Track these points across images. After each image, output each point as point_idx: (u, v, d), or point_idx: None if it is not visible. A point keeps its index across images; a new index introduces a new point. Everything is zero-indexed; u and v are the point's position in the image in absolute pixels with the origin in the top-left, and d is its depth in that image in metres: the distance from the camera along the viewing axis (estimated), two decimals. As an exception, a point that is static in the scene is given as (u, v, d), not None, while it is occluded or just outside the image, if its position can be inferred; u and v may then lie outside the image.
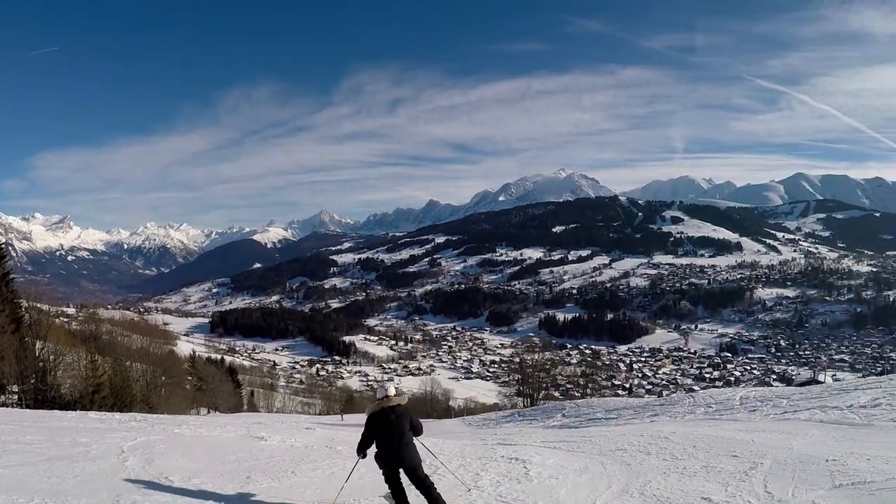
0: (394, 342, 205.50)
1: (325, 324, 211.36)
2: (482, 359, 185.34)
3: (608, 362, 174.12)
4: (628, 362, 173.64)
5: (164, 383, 41.77)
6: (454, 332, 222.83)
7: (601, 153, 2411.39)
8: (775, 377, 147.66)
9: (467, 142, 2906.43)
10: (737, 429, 13.90)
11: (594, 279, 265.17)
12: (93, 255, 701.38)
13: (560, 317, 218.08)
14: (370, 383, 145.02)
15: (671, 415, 20.12)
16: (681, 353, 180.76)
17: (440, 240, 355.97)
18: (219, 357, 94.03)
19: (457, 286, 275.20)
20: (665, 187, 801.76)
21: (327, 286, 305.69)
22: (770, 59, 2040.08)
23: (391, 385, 7.93)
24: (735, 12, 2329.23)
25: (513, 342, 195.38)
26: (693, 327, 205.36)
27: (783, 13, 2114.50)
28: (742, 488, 8.31)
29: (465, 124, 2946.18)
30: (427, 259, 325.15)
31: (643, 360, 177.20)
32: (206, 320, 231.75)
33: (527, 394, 55.13)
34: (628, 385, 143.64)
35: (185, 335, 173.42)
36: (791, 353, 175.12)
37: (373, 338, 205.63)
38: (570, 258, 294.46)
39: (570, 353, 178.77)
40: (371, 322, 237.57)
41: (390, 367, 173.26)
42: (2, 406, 23.45)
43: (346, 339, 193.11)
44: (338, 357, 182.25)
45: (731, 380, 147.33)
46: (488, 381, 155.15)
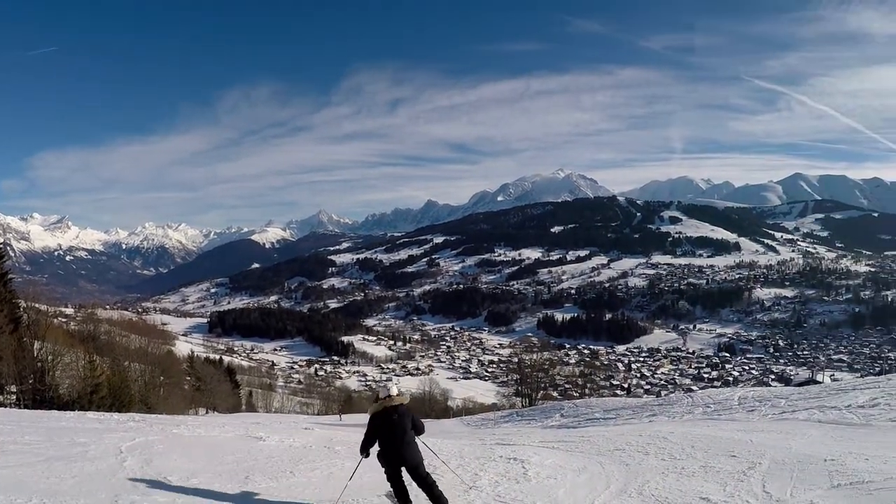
0: (392, 342, 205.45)
1: (324, 324, 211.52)
2: (480, 359, 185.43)
3: (606, 362, 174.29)
4: (627, 362, 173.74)
5: (163, 383, 41.74)
6: (452, 333, 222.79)
7: (600, 153, 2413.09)
8: (773, 377, 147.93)
9: (466, 142, 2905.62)
10: (735, 429, 13.91)
11: (593, 279, 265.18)
12: (91, 255, 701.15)
13: (558, 317, 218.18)
14: (368, 383, 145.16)
15: (669, 415, 20.13)
16: (679, 353, 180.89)
17: (439, 240, 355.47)
18: (217, 357, 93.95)
19: (455, 286, 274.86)
20: (663, 187, 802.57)
21: (326, 286, 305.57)
22: (768, 59, 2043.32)
23: (393, 385, 8.05)
24: (733, 13, 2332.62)
25: (511, 342, 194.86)
26: (691, 327, 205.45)
27: (782, 13, 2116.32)
28: (740, 488, 8.33)
29: (464, 124, 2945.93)
30: (425, 259, 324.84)
31: (641, 360, 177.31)
32: (205, 320, 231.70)
33: (525, 394, 55.01)
34: (627, 385, 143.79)
35: (183, 335, 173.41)
36: (789, 353, 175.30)
37: (371, 338, 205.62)
38: (569, 258, 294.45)
39: (569, 353, 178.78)
40: (369, 322, 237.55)
41: (389, 368, 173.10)
42: (0, 406, 23.42)
43: (345, 339, 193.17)
44: (336, 357, 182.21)
45: (730, 380, 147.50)
46: (487, 381, 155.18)
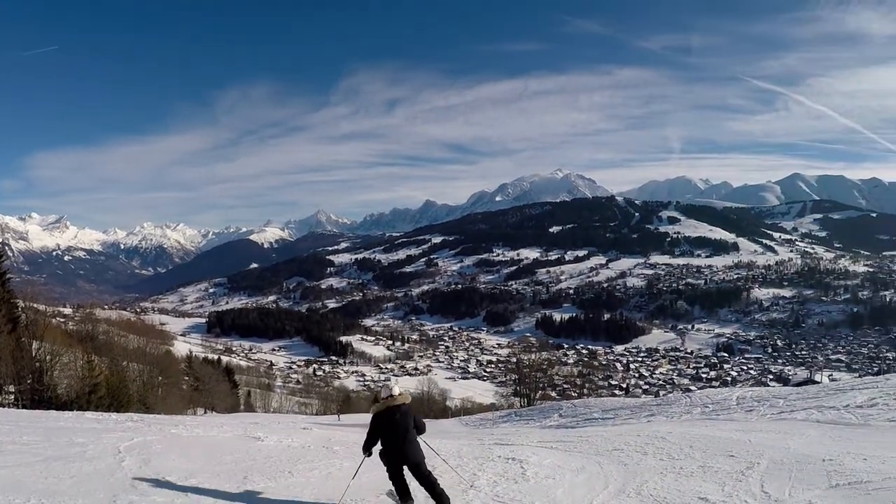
0: (391, 342, 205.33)
1: (322, 324, 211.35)
2: (479, 359, 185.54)
3: (605, 362, 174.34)
4: (625, 362, 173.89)
5: (161, 383, 41.78)
6: (451, 333, 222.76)
7: (598, 153, 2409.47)
8: (772, 377, 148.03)
9: (464, 142, 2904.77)
10: (733, 429, 13.91)
11: (591, 279, 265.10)
12: (89, 255, 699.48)
13: (557, 317, 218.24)
14: (367, 383, 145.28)
15: (668, 415, 20.14)
16: (677, 353, 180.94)
17: (437, 240, 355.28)
18: (215, 357, 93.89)
19: (453, 286, 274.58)
20: (662, 187, 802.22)
21: (324, 286, 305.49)
22: (766, 59, 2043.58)
23: (395, 385, 8.17)
24: (731, 13, 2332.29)
25: (509, 342, 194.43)
26: (690, 327, 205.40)
27: (779, 14, 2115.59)
28: (739, 488, 8.32)
29: (462, 124, 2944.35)
30: (424, 259, 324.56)
31: (640, 360, 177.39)
32: (203, 320, 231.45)
33: (523, 394, 54.96)
34: (625, 385, 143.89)
35: (181, 335, 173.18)
36: (788, 353, 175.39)
37: (370, 338, 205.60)
38: (567, 258, 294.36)
39: (567, 353, 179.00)
40: (368, 322, 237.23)
41: (387, 368, 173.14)
42: (-2, 406, 23.42)
43: (343, 339, 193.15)
44: (335, 357, 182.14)
45: (728, 380, 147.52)
46: (485, 381, 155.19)
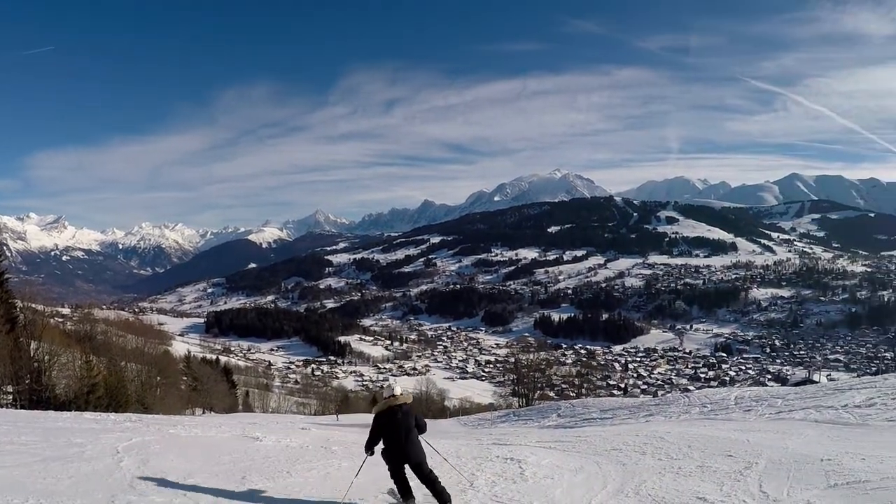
0: (389, 342, 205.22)
1: (321, 324, 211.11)
2: (477, 359, 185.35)
3: (603, 362, 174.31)
4: (623, 362, 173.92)
5: (160, 383, 41.75)
6: (449, 333, 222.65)
7: (596, 153, 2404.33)
8: (770, 377, 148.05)
9: (463, 142, 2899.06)
10: (732, 428, 13.94)
11: (589, 279, 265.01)
12: (88, 255, 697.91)
13: (555, 317, 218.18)
14: (365, 383, 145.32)
15: (666, 415, 20.17)
16: (676, 353, 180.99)
17: (435, 240, 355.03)
18: (214, 357, 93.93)
19: (452, 286, 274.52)
20: (660, 187, 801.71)
21: (322, 286, 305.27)
22: (764, 60, 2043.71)
23: (397, 385, 8.27)
24: (729, 13, 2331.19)
25: (508, 342, 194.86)
26: (688, 327, 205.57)
27: (777, 14, 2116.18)
28: (737, 488, 8.33)
29: (460, 124, 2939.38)
30: (422, 259, 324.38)
31: (638, 360, 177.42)
32: (202, 320, 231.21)
33: (522, 394, 55.12)
34: (623, 385, 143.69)
35: (180, 335, 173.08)
36: (786, 353, 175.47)
37: (368, 338, 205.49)
38: (566, 258, 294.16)
39: (566, 353, 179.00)
40: (366, 322, 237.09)
41: (385, 368, 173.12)
42: (-4, 407, 23.39)
43: (342, 339, 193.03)
44: (333, 357, 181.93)
45: (726, 380, 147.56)
46: (484, 381, 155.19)
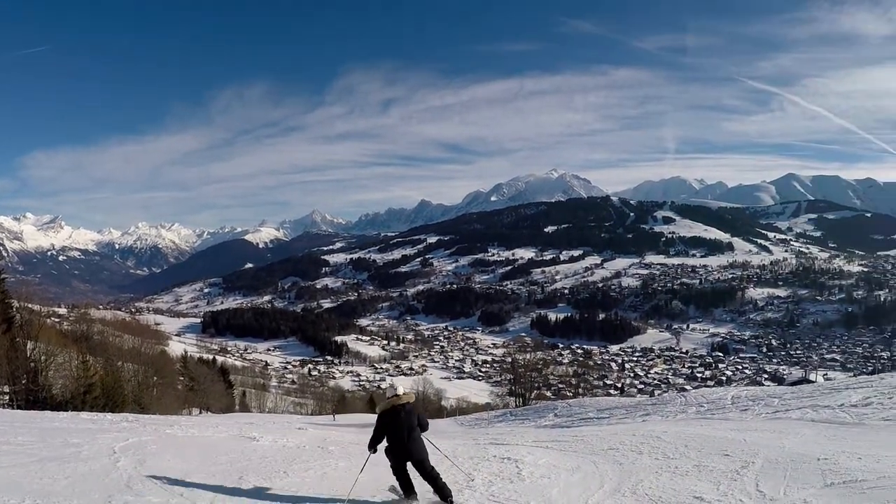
0: (386, 342, 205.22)
1: (317, 324, 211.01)
2: (474, 359, 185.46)
3: (600, 362, 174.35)
4: (620, 362, 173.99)
5: (156, 383, 41.66)
6: (446, 332, 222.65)
7: (593, 153, 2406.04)
8: (767, 376, 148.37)
9: (459, 142, 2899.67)
10: (728, 428, 13.95)
11: (586, 279, 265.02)
12: (84, 255, 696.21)
13: (552, 317, 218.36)
14: (362, 383, 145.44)
15: (663, 414, 20.17)
16: (672, 353, 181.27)
17: (432, 240, 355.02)
18: (210, 357, 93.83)
19: (449, 286, 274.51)
20: (657, 188, 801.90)
21: (319, 286, 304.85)
22: (761, 60, 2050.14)
23: (400, 385, 8.49)
24: (726, 13, 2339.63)
25: (505, 342, 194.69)
26: (685, 327, 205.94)
27: (774, 14, 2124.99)
28: (734, 487, 8.35)
29: (457, 124, 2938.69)
30: (419, 259, 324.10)
31: (635, 359, 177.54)
32: (198, 320, 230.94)
33: (519, 393, 54.99)
34: (620, 385, 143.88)
35: (176, 335, 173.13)
36: (782, 353, 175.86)
37: (365, 338, 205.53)
38: (562, 258, 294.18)
39: (562, 352, 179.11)
40: (363, 322, 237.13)
41: (382, 368, 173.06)
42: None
43: (338, 339, 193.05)
44: (330, 357, 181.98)
45: (723, 379, 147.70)
46: (480, 380, 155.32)
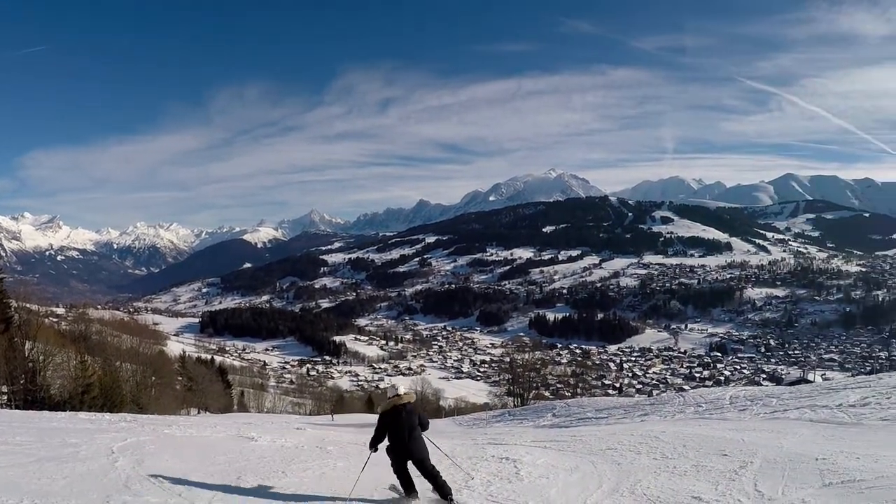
0: (384, 342, 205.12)
1: (316, 324, 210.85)
2: (472, 358, 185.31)
3: (598, 362, 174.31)
4: (618, 362, 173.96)
5: (154, 383, 41.60)
6: (444, 332, 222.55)
7: (591, 153, 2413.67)
8: (765, 376, 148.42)
9: (458, 142, 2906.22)
10: (727, 428, 13.94)
11: (584, 279, 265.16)
12: (82, 255, 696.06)
13: (550, 316, 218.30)
14: (361, 383, 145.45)
15: (661, 414, 20.16)
16: (671, 353, 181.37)
17: (430, 240, 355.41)
18: (209, 357, 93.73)
19: (447, 286, 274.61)
20: (655, 187, 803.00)
21: (317, 286, 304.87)
22: (760, 60, 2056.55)
23: (401, 385, 8.51)
24: (725, 14, 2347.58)
25: (503, 342, 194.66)
26: (683, 327, 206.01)
27: (773, 15, 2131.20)
28: (732, 487, 8.34)
29: (455, 124, 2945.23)
30: (417, 259, 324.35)
31: (633, 359, 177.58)
32: (196, 320, 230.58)
33: (517, 393, 54.94)
34: (618, 384, 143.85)
35: (175, 335, 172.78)
36: (781, 353, 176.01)
37: (363, 338, 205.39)
38: (561, 258, 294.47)
39: (561, 352, 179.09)
40: (361, 322, 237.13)
41: (381, 368, 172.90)
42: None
43: (337, 339, 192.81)
44: (328, 357, 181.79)
45: (721, 379, 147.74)
46: (479, 380, 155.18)
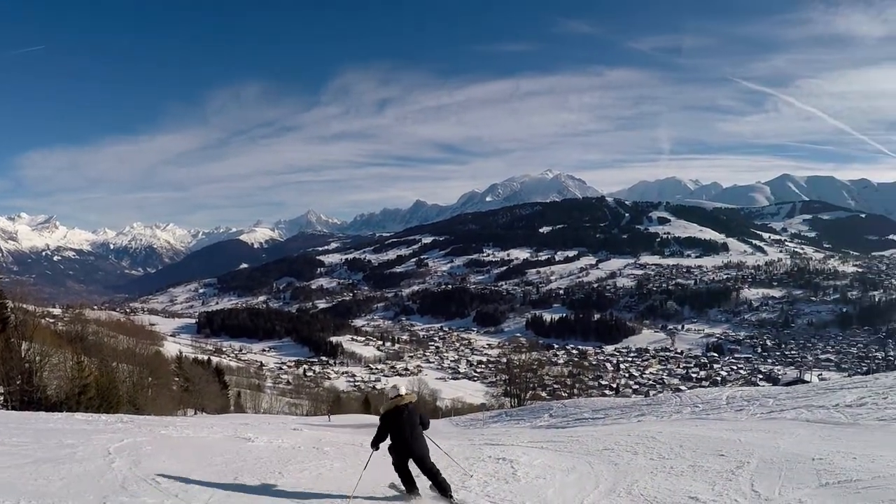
0: (381, 343, 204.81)
1: (312, 324, 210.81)
2: (469, 359, 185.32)
3: (595, 362, 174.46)
4: (615, 362, 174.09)
5: (151, 384, 41.53)
6: (441, 333, 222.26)
7: (588, 154, 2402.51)
8: (762, 377, 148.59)
9: (454, 142, 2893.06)
10: (723, 428, 13.97)
11: (581, 279, 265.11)
12: (79, 256, 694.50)
13: (547, 317, 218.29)
14: (357, 384, 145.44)
15: (658, 414, 20.18)
16: (667, 353, 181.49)
17: (427, 240, 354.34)
18: (206, 358, 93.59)
19: (444, 286, 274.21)
20: (652, 188, 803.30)
21: (314, 286, 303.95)
22: (756, 61, 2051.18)
23: (402, 385, 8.68)
24: (721, 14, 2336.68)
25: (500, 342, 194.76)
26: (680, 327, 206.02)
27: (769, 15, 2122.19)
28: (729, 487, 8.37)
29: (452, 125, 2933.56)
30: (414, 259, 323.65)
31: (630, 360, 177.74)
32: (193, 321, 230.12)
33: (514, 394, 55.07)
34: (615, 385, 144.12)
35: (171, 336, 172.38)
36: (777, 353, 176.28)
37: (360, 338, 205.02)
38: (557, 258, 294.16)
39: (557, 353, 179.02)
40: (358, 322, 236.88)
41: (377, 368, 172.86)
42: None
43: (333, 339, 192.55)
44: (325, 358, 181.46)
45: (718, 379, 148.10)
46: (475, 381, 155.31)
